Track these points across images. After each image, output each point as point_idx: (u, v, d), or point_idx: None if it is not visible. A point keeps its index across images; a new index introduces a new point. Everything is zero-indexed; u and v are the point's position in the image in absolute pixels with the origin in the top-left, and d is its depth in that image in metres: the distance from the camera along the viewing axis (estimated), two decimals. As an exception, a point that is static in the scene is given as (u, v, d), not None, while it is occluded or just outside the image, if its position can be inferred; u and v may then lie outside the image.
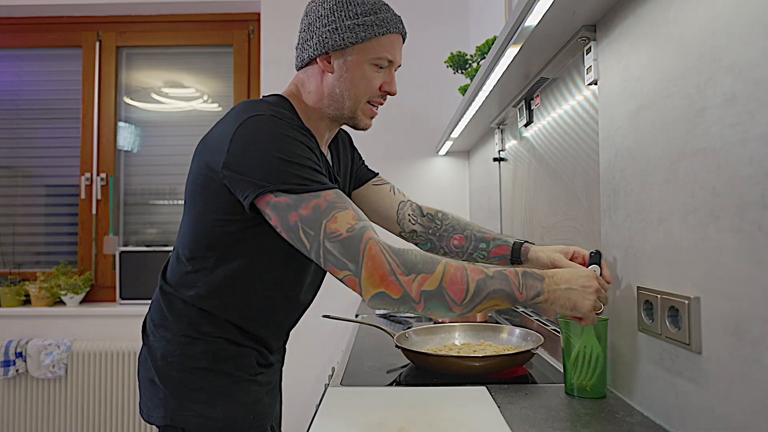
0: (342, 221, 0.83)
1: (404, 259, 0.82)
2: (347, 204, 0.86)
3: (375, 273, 0.81)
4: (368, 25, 0.95)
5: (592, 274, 0.92)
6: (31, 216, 3.06)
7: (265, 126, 0.89)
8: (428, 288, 0.81)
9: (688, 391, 0.79)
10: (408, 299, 0.82)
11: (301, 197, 0.84)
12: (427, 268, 0.82)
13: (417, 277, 0.81)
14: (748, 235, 0.66)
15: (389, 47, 0.98)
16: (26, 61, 3.10)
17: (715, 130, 0.72)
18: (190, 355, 0.97)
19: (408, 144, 2.90)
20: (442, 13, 2.91)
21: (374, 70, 0.99)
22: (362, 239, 0.82)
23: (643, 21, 0.92)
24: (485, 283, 0.83)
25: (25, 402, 2.69)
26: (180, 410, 0.96)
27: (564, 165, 1.34)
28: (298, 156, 0.87)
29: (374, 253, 0.81)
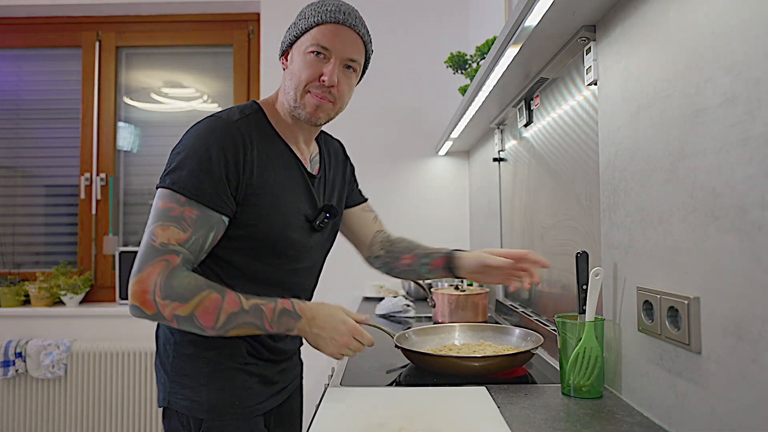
0: (168, 234, 0.92)
1: (170, 285, 0.90)
2: (193, 228, 0.93)
3: (139, 287, 0.91)
4: (305, 18, 1.02)
5: (349, 330, 1.00)
6: (31, 216, 3.06)
7: (201, 131, 0.99)
8: (180, 314, 0.91)
9: (687, 391, 0.79)
10: (160, 317, 0.92)
11: (174, 195, 0.94)
12: (183, 298, 0.91)
13: (171, 303, 0.90)
14: (748, 235, 0.66)
15: (321, 36, 1.00)
16: (26, 61, 3.10)
17: (714, 130, 0.72)
18: (181, 342, 1.03)
19: (408, 144, 2.90)
20: (441, 13, 2.91)
21: (311, 59, 1.01)
22: (159, 256, 0.91)
23: (642, 21, 0.92)
24: (236, 317, 0.93)
25: (25, 402, 2.69)
26: (173, 393, 1.03)
27: (564, 165, 1.34)
28: (207, 163, 0.95)
29: (152, 272, 0.91)
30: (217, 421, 1.01)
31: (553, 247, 1.44)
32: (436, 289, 1.90)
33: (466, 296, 1.80)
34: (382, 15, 2.90)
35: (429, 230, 2.88)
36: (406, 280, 1.41)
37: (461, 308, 1.80)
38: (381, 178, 2.89)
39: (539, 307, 1.60)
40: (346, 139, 1.42)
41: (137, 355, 2.68)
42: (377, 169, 2.90)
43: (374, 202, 3.01)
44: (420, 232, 2.89)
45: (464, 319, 1.79)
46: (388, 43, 2.90)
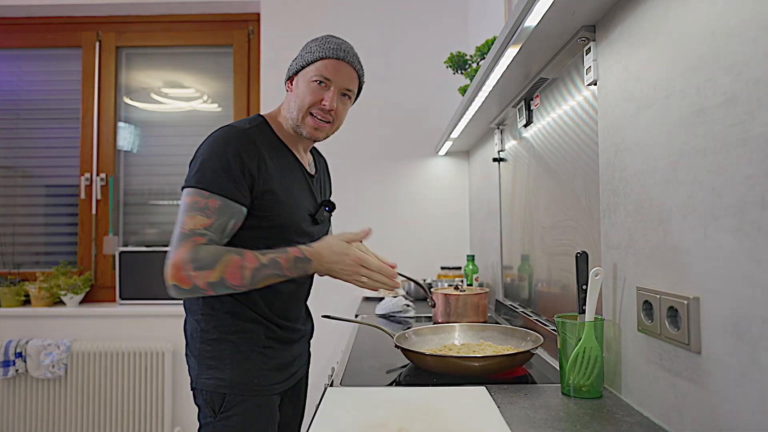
0: (195, 221, 1.08)
1: (196, 257, 1.06)
2: (216, 215, 1.10)
3: (174, 268, 1.06)
4: (311, 52, 1.22)
5: (353, 261, 1.14)
6: (31, 216, 3.06)
7: (217, 138, 1.15)
8: (211, 280, 1.06)
9: (687, 391, 0.79)
10: (197, 290, 1.07)
11: (198, 191, 1.10)
12: (210, 266, 1.06)
13: (202, 272, 1.06)
14: (748, 235, 0.66)
15: (324, 69, 1.20)
16: (26, 61, 3.10)
17: (714, 130, 0.72)
18: (207, 330, 1.19)
19: (408, 144, 2.90)
20: (441, 13, 2.91)
21: (314, 87, 1.20)
22: (186, 239, 1.07)
23: (642, 21, 0.92)
24: (260, 272, 1.09)
25: (25, 402, 2.69)
26: (201, 375, 1.18)
27: (563, 165, 1.34)
28: (225, 162, 1.11)
29: (182, 251, 1.06)
30: (238, 396, 1.15)
31: (553, 247, 1.44)
32: (435, 289, 1.90)
33: (466, 296, 1.80)
34: (382, 15, 2.91)
35: (429, 230, 2.89)
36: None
37: (461, 308, 1.80)
38: (381, 178, 2.89)
39: (539, 307, 1.60)
40: (346, 139, 1.45)
41: (137, 355, 2.68)
42: (377, 168, 2.90)
43: (374, 202, 3.03)
44: (420, 232, 2.90)
45: (464, 319, 1.79)
46: (389, 44, 2.90)
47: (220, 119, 3.06)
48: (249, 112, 3.02)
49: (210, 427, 1.16)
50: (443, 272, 2.64)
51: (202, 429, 1.18)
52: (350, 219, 2.87)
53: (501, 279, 2.12)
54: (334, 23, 2.91)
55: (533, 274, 1.66)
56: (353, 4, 2.91)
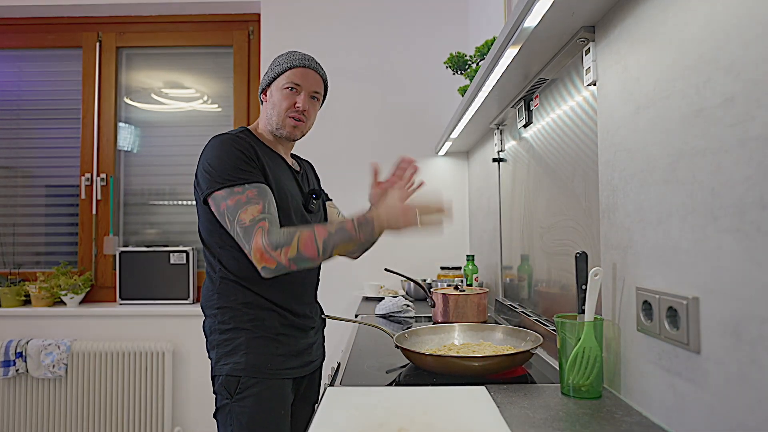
0: (249, 213, 1.18)
1: (271, 239, 1.16)
2: (260, 199, 1.21)
3: (257, 254, 1.16)
4: (279, 65, 1.38)
5: (402, 210, 1.23)
6: (32, 216, 3.07)
7: (216, 143, 1.28)
8: (291, 255, 1.16)
9: (686, 391, 0.79)
10: (281, 267, 1.17)
11: (231, 190, 1.21)
12: (287, 242, 1.16)
13: (282, 250, 1.16)
14: (747, 235, 0.66)
15: (293, 76, 1.36)
16: (26, 62, 3.10)
17: (714, 131, 0.72)
18: (223, 321, 1.29)
19: (408, 144, 2.90)
20: (441, 14, 2.91)
21: (287, 93, 1.36)
22: (254, 228, 1.17)
23: (642, 22, 0.92)
24: (330, 240, 1.19)
25: (25, 402, 2.69)
26: (218, 362, 1.28)
27: (563, 165, 1.34)
28: (235, 158, 1.23)
29: (257, 239, 1.16)
30: (252, 379, 1.24)
31: (553, 247, 1.45)
32: (435, 289, 1.90)
33: (466, 296, 1.80)
34: (382, 16, 2.91)
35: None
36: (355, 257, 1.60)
37: (461, 308, 1.80)
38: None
39: (538, 307, 1.61)
40: (346, 138, 1.48)
41: (137, 355, 2.69)
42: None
43: (374, 203, 3.00)
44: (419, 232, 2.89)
45: (464, 318, 1.79)
46: (389, 44, 2.90)
47: (220, 119, 3.06)
48: (249, 112, 3.03)
49: (226, 409, 1.24)
50: (443, 272, 2.65)
51: (219, 411, 1.26)
52: (350, 219, 2.87)
53: (501, 279, 2.12)
54: (333, 24, 2.91)
55: (533, 274, 1.66)
56: (353, 5, 2.91)
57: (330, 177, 2.88)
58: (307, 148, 3.03)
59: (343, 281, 2.82)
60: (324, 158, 2.91)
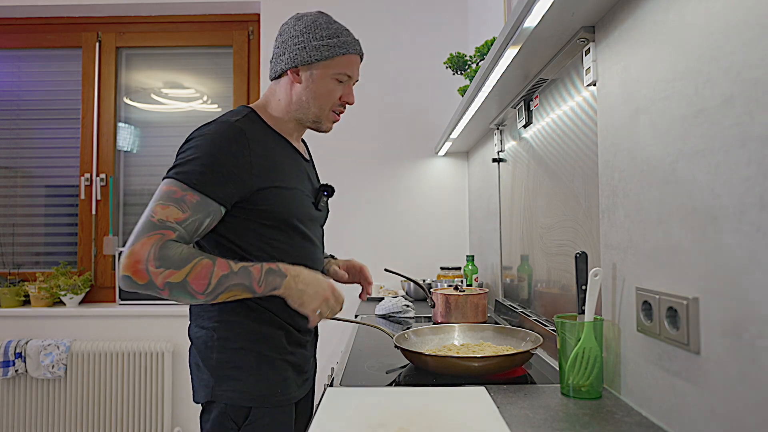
0: (167, 212, 1.00)
1: (163, 254, 0.97)
2: (191, 211, 1.01)
3: (132, 258, 0.96)
4: (331, 46, 1.16)
5: (329, 286, 1.10)
6: (31, 216, 3.06)
7: (204, 133, 1.08)
8: (173, 280, 0.97)
9: (686, 391, 0.79)
10: (152, 286, 0.97)
11: (178, 182, 1.02)
12: (177, 265, 0.97)
13: (165, 271, 0.96)
14: (747, 236, 0.66)
15: (348, 65, 1.19)
16: (26, 62, 3.10)
17: (713, 131, 0.73)
18: (227, 338, 1.11)
19: (407, 144, 2.90)
20: (441, 14, 2.91)
21: (335, 84, 1.19)
22: (154, 230, 0.98)
23: (642, 22, 0.92)
24: (227, 279, 1.00)
25: (25, 402, 2.69)
26: (219, 387, 1.09)
27: (563, 166, 1.34)
28: (213, 162, 1.04)
29: (146, 243, 0.97)
30: (263, 409, 1.09)
31: (552, 248, 1.45)
32: (435, 290, 1.90)
33: (466, 296, 1.80)
34: (382, 16, 2.91)
35: (428, 230, 2.89)
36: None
37: (461, 308, 1.80)
38: (380, 178, 2.89)
39: (538, 308, 1.61)
40: (346, 139, 1.45)
41: (137, 355, 2.68)
42: (377, 169, 2.90)
43: (373, 202, 3.02)
44: (419, 232, 2.90)
45: (463, 319, 1.79)
46: (388, 44, 2.90)
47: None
48: (249, 113, 3.02)
49: None
50: (443, 272, 2.65)
51: None
52: (350, 219, 2.87)
53: (500, 279, 2.12)
54: (333, 24, 2.91)
55: (533, 274, 1.66)
56: (353, 5, 2.91)
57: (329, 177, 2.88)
58: (307, 149, 3.03)
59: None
60: (323, 158, 2.91)
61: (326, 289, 1.09)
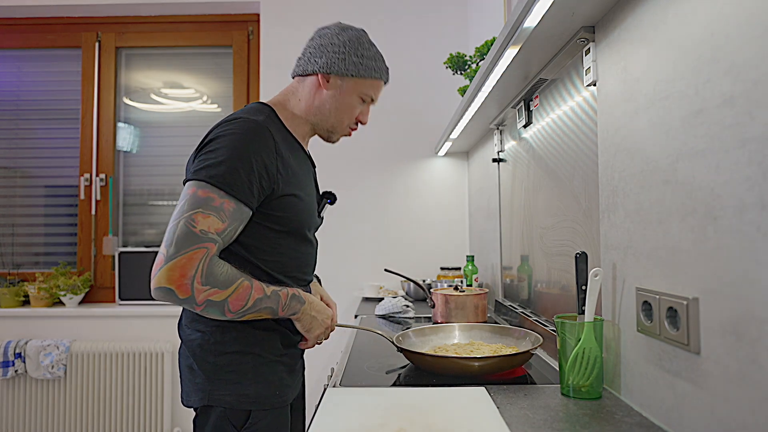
0: (208, 222, 0.98)
1: (212, 272, 0.97)
2: (229, 219, 1.01)
3: (179, 272, 0.95)
4: (368, 67, 1.21)
5: (332, 315, 1.21)
6: (31, 216, 3.06)
7: (234, 131, 1.06)
8: (214, 299, 0.98)
9: (686, 391, 0.79)
10: (191, 301, 0.97)
11: (214, 188, 1.00)
12: (222, 285, 0.98)
13: (209, 290, 0.97)
14: (747, 236, 0.66)
15: (375, 88, 1.24)
16: (26, 62, 3.10)
17: (713, 131, 0.72)
18: (223, 341, 1.09)
19: (407, 144, 2.90)
20: (441, 14, 2.91)
21: (359, 102, 1.23)
22: (199, 243, 0.97)
23: (642, 22, 0.92)
24: (260, 302, 1.04)
25: (24, 402, 2.68)
26: (216, 391, 1.08)
27: (563, 166, 1.34)
28: (247, 163, 1.02)
29: (194, 257, 0.96)
30: (263, 411, 1.08)
31: (552, 248, 1.44)
32: (435, 290, 1.90)
33: (466, 296, 1.80)
34: (382, 16, 2.91)
35: (428, 231, 2.89)
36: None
37: (460, 308, 1.80)
38: (381, 179, 2.89)
39: (538, 308, 1.61)
40: (346, 139, 1.44)
41: (136, 355, 2.68)
42: (377, 169, 2.90)
43: (373, 203, 3.02)
44: (419, 232, 2.90)
45: (463, 319, 1.79)
46: (388, 44, 2.90)
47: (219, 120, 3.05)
48: (248, 113, 3.02)
49: None
50: (443, 273, 2.65)
51: None
52: (350, 219, 2.87)
53: (500, 279, 2.12)
54: (333, 24, 2.91)
55: (533, 274, 1.66)
56: (353, 5, 2.91)
57: (328, 178, 2.88)
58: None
59: (342, 282, 2.81)
60: (323, 159, 2.91)
61: (329, 317, 1.20)
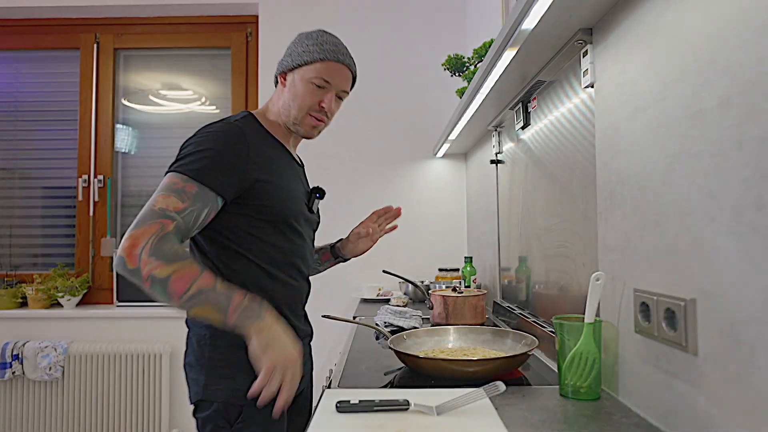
0: (168, 202, 1.02)
1: (159, 246, 0.97)
2: (190, 200, 1.04)
3: (131, 242, 0.96)
4: (310, 52, 1.21)
5: (299, 355, 1.00)
6: (29, 218, 3.06)
7: (204, 131, 1.15)
8: (157, 274, 0.95)
9: (684, 392, 0.80)
10: (138, 274, 0.96)
11: (178, 174, 1.05)
12: (167, 259, 0.96)
13: (154, 262, 0.95)
14: (744, 237, 0.66)
15: (326, 71, 1.21)
16: (24, 63, 3.10)
17: (711, 133, 0.73)
18: (218, 335, 1.11)
19: (406, 146, 2.90)
20: (439, 16, 2.92)
21: (313, 88, 1.21)
22: (155, 218, 0.99)
23: (639, 24, 0.93)
24: (206, 293, 0.97)
25: (22, 404, 2.68)
26: (209, 386, 1.10)
27: (561, 167, 1.34)
28: (211, 155, 1.08)
29: (148, 230, 0.98)
30: (256, 408, 1.04)
31: (550, 249, 1.45)
32: (433, 291, 1.90)
33: (464, 298, 1.80)
34: (380, 18, 2.91)
35: (427, 232, 2.89)
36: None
37: (459, 310, 1.80)
38: (379, 180, 2.90)
39: (537, 309, 1.61)
40: (345, 140, 1.45)
41: (134, 357, 2.68)
42: (375, 170, 2.90)
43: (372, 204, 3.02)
44: (418, 233, 2.90)
45: (462, 320, 1.79)
46: (387, 46, 2.91)
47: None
48: (247, 114, 3.02)
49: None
50: (441, 274, 2.65)
51: None
52: (349, 221, 2.87)
53: (499, 281, 2.12)
54: (332, 26, 2.91)
55: (531, 275, 1.66)
56: (352, 6, 2.91)
57: (328, 179, 2.88)
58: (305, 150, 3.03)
59: (341, 283, 2.81)
60: (322, 160, 2.92)
61: (294, 354, 0.99)
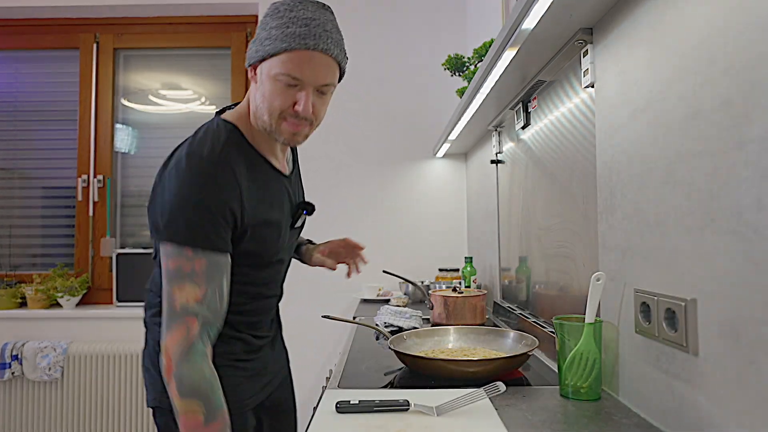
0: (186, 294, 0.90)
1: (182, 365, 0.89)
2: (207, 279, 0.91)
3: (166, 358, 0.90)
4: (272, 38, 0.93)
5: None
6: (28, 218, 3.05)
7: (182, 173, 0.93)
8: (173, 398, 0.89)
9: (684, 392, 0.79)
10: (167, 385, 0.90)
11: (179, 249, 0.90)
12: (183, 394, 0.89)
13: (174, 385, 0.89)
14: (744, 237, 0.66)
15: (291, 65, 0.92)
16: (23, 63, 3.10)
17: (711, 133, 0.73)
18: None
19: (406, 146, 2.90)
20: (439, 16, 2.92)
21: (282, 87, 0.94)
22: (180, 319, 0.90)
23: (640, 24, 0.93)
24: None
25: (21, 404, 2.67)
26: (165, 392, 0.99)
27: (561, 167, 1.34)
28: (202, 208, 0.90)
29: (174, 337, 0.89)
30: None
31: (551, 249, 1.45)
32: (433, 291, 1.90)
33: (464, 298, 1.80)
34: (380, 18, 2.91)
35: (427, 232, 2.89)
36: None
37: (459, 310, 1.80)
38: (379, 180, 2.89)
39: (537, 309, 1.61)
40: (344, 141, 1.43)
41: (134, 357, 2.67)
42: (375, 171, 2.90)
43: (372, 204, 3.02)
44: (418, 233, 2.90)
45: (462, 320, 1.79)
46: (387, 46, 2.91)
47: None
48: (247, 114, 3.02)
49: None
50: (441, 274, 2.64)
51: None
52: (348, 221, 2.87)
53: (499, 281, 2.12)
54: (332, 25, 2.91)
55: (531, 275, 1.66)
56: (351, 7, 2.91)
57: (327, 179, 2.89)
58: (303, 151, 3.03)
59: (340, 284, 2.81)
60: (321, 161, 2.92)
61: None
